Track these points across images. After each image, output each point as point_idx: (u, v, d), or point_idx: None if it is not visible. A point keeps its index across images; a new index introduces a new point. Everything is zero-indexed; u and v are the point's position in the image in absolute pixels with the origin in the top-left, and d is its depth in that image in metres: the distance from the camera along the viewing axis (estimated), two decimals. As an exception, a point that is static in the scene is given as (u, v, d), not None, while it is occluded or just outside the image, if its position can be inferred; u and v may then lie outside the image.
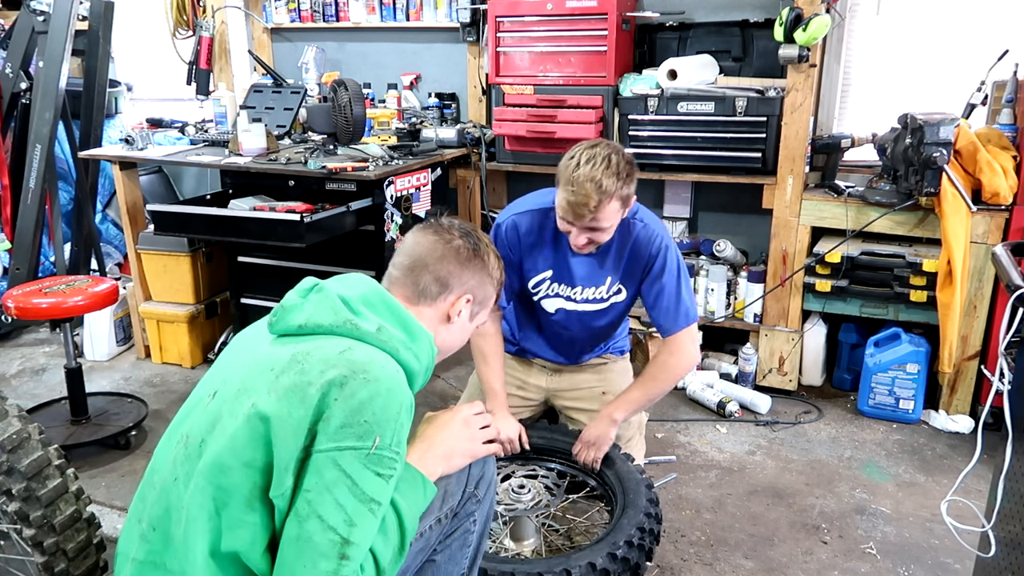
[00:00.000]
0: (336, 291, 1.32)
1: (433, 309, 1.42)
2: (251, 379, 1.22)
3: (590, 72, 3.27)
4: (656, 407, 3.11)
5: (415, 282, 1.41)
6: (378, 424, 1.17)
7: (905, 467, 2.68)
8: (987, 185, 2.69)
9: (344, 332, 1.26)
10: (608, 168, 1.90)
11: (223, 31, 4.13)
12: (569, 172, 1.93)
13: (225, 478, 1.16)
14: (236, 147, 3.23)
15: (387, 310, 1.33)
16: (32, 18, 3.60)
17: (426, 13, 3.82)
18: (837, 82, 3.25)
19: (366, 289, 1.35)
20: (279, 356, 1.24)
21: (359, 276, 1.39)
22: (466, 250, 1.45)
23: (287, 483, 1.14)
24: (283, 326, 1.29)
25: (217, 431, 1.19)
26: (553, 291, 2.26)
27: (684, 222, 3.57)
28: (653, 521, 1.93)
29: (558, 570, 1.71)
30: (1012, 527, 1.49)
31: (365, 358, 1.22)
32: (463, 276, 1.44)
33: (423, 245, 1.44)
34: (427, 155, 3.32)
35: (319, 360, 1.20)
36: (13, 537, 1.57)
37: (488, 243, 1.51)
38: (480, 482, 1.52)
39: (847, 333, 3.20)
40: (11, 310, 2.65)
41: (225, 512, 1.17)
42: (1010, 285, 1.46)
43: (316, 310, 1.28)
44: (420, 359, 1.33)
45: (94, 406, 2.95)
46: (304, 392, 1.16)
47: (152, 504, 1.24)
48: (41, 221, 3.71)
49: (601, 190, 1.89)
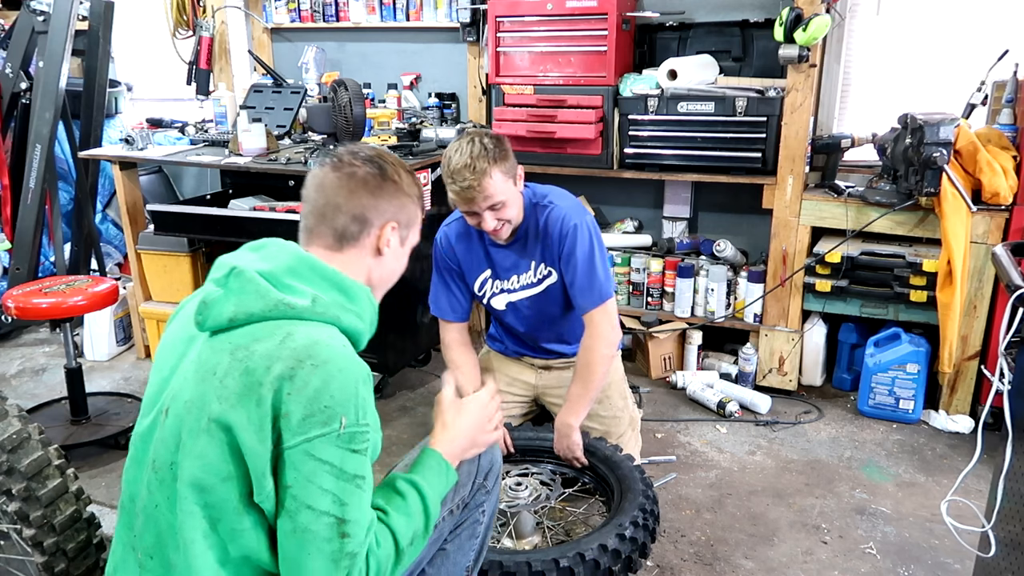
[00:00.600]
0: (256, 268, 1.22)
1: (359, 249, 1.34)
2: (198, 389, 1.17)
3: (590, 72, 3.27)
4: (656, 407, 3.12)
5: (332, 228, 1.31)
6: (339, 405, 1.14)
7: (905, 467, 2.68)
8: (987, 185, 2.69)
9: (278, 315, 1.19)
10: (475, 149, 2.04)
11: (223, 31, 4.13)
12: (448, 169, 2.08)
13: (209, 496, 1.14)
14: (236, 147, 3.23)
15: (316, 275, 1.26)
16: (32, 18, 3.60)
17: (426, 13, 3.81)
18: (837, 82, 3.25)
19: (288, 258, 1.26)
20: (218, 357, 1.17)
21: (277, 243, 1.31)
22: (374, 177, 1.34)
23: (268, 486, 1.13)
24: (212, 323, 1.20)
25: (183, 452, 1.15)
26: (496, 288, 2.36)
27: (684, 222, 3.57)
28: (652, 503, 1.97)
29: (571, 554, 1.74)
30: (1012, 527, 1.49)
31: (307, 341, 1.16)
32: (380, 205, 1.34)
33: (328, 185, 1.32)
34: (427, 155, 3.31)
35: (261, 356, 1.15)
36: (13, 537, 1.57)
37: (395, 161, 1.40)
38: (489, 473, 1.54)
39: (847, 333, 3.20)
40: (11, 310, 2.64)
41: (220, 526, 1.16)
42: (1010, 285, 1.47)
43: (241, 299, 1.19)
44: (363, 317, 1.29)
45: (94, 406, 2.95)
46: (256, 394, 1.12)
47: (141, 532, 1.21)
48: (41, 221, 3.71)
49: (476, 169, 2.03)
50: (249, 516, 1.16)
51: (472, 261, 2.36)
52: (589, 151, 3.33)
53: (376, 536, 1.20)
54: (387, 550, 1.21)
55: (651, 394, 3.24)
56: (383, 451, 3.00)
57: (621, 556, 1.79)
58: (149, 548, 1.20)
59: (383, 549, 1.20)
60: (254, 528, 1.17)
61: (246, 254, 1.29)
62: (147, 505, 1.20)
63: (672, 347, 3.40)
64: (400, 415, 3.09)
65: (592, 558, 1.74)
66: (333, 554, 1.13)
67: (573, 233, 2.20)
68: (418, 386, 3.35)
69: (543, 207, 2.24)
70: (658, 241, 3.57)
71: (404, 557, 1.24)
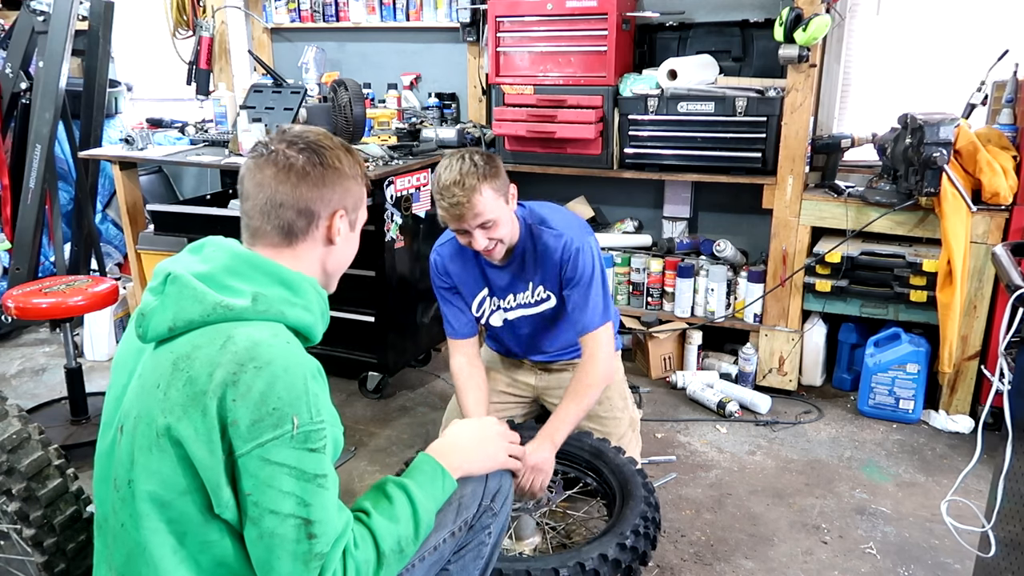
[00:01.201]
0: (193, 272, 1.18)
1: (309, 242, 1.28)
2: (143, 403, 1.14)
3: (590, 72, 3.27)
4: (656, 407, 3.12)
5: (278, 225, 1.25)
6: (289, 406, 1.09)
7: (905, 467, 2.68)
8: (987, 185, 2.69)
9: (217, 318, 1.15)
10: (464, 166, 2.01)
11: (223, 31, 4.13)
12: (438, 186, 2.03)
13: (170, 511, 1.12)
14: (236, 147, 3.23)
15: (256, 272, 1.21)
16: (32, 18, 3.60)
17: (426, 13, 3.82)
18: (837, 82, 3.25)
19: (226, 257, 1.21)
20: (160, 369, 1.14)
21: (216, 241, 1.26)
22: (314, 167, 1.26)
23: (226, 496, 1.10)
24: (153, 334, 1.16)
25: (138, 469, 1.13)
26: (494, 305, 2.33)
27: (684, 222, 3.57)
28: (653, 510, 1.96)
29: (571, 564, 1.73)
30: (1012, 527, 1.49)
31: (248, 343, 1.11)
32: (325, 195, 1.27)
33: (266, 182, 1.25)
34: (427, 155, 3.32)
35: (202, 363, 1.11)
36: (13, 537, 1.57)
37: (331, 144, 1.31)
38: (497, 495, 1.48)
39: (847, 333, 3.20)
40: (11, 310, 2.64)
41: (188, 539, 1.14)
42: (1010, 285, 1.47)
43: (179, 306, 1.15)
44: (311, 309, 1.24)
45: (94, 406, 2.94)
46: (201, 403, 1.09)
47: (112, 550, 1.20)
48: (41, 221, 3.71)
49: (466, 186, 1.99)
50: (215, 526, 1.13)
51: (468, 281, 2.31)
52: (589, 151, 3.33)
53: (354, 537, 1.17)
54: (366, 553, 1.18)
55: (651, 394, 3.24)
56: (383, 451, 3.00)
57: (621, 566, 1.78)
58: (121, 567, 1.18)
59: (361, 551, 1.17)
60: (222, 537, 1.14)
61: (185, 256, 1.26)
62: (113, 525, 1.18)
63: (672, 347, 3.40)
64: (400, 415, 3.09)
65: (592, 568, 1.73)
66: (303, 556, 1.10)
67: (575, 257, 2.16)
68: (418, 386, 3.35)
69: (542, 228, 2.20)
70: (658, 241, 3.57)
71: (387, 561, 1.20)
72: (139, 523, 1.13)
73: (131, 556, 1.16)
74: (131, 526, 1.14)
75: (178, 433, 1.09)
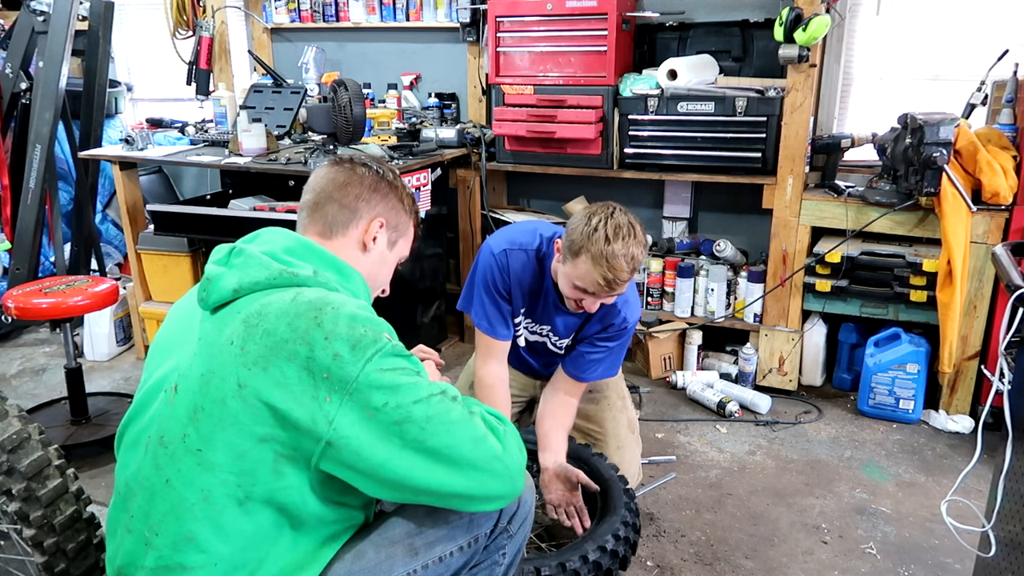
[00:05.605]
0: (258, 248, 1.26)
1: (346, 239, 1.35)
2: (213, 361, 1.16)
3: (590, 72, 3.27)
4: (656, 407, 3.12)
5: (323, 216, 1.34)
6: (374, 330, 1.16)
7: (905, 467, 2.68)
8: (987, 185, 2.69)
9: (283, 283, 1.21)
10: (635, 239, 1.81)
11: (223, 31, 4.13)
12: (599, 246, 1.77)
13: (244, 462, 1.14)
14: (236, 147, 3.23)
15: (313, 256, 1.28)
16: (32, 18, 3.60)
17: (426, 13, 3.82)
18: (837, 82, 3.25)
19: (287, 240, 1.30)
20: (231, 328, 1.17)
21: (274, 230, 1.33)
22: (370, 176, 1.38)
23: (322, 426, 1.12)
24: (216, 297, 1.21)
25: (203, 421, 1.14)
26: (528, 326, 2.21)
27: (684, 222, 3.57)
28: (630, 530, 1.89)
29: (553, 564, 1.72)
30: (1012, 527, 1.49)
31: (319, 295, 1.18)
32: (371, 200, 1.36)
33: (325, 178, 1.37)
34: (427, 155, 3.32)
35: (277, 315, 1.15)
36: (13, 537, 1.57)
37: (397, 174, 1.43)
38: (514, 518, 1.44)
39: (847, 333, 3.20)
40: (11, 310, 2.64)
41: (256, 489, 1.15)
42: (1010, 285, 1.46)
43: (244, 272, 1.21)
44: (359, 296, 1.31)
45: (94, 406, 2.95)
46: (286, 350, 1.12)
47: (142, 511, 1.20)
48: (41, 221, 3.71)
49: (635, 263, 1.81)
50: (288, 474, 1.16)
51: (518, 298, 2.11)
52: (589, 151, 3.33)
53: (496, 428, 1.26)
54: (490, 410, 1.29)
55: (651, 394, 3.24)
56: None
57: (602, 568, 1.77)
58: (155, 526, 1.18)
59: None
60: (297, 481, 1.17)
61: (244, 241, 1.32)
62: (153, 483, 1.19)
63: (672, 347, 3.40)
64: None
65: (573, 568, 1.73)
66: (462, 417, 1.19)
67: (621, 331, 2.09)
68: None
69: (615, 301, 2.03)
70: (658, 241, 3.57)
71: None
72: (196, 478, 1.15)
73: (175, 513, 1.17)
74: (178, 481, 1.16)
75: (259, 383, 1.12)
